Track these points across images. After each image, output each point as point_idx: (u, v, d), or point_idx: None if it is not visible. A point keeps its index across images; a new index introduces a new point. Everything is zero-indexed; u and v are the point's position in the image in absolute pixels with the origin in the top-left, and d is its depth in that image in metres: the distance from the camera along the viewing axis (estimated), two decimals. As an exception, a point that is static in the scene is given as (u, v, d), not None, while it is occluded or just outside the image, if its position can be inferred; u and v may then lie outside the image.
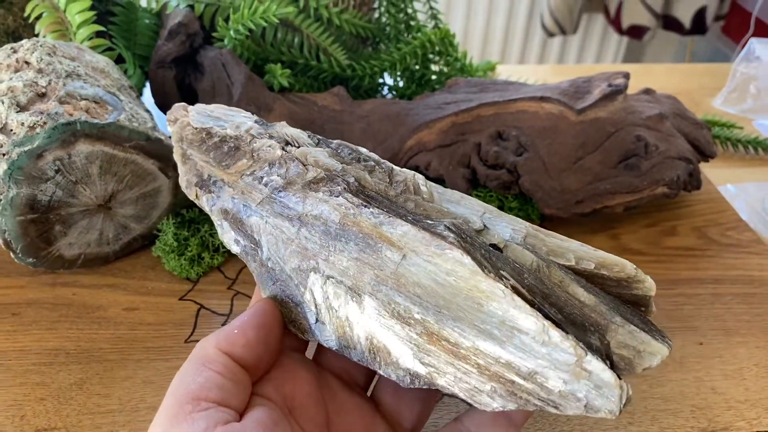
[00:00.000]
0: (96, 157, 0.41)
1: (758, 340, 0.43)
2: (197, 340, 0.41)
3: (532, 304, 0.22)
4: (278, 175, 0.27)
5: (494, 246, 0.25)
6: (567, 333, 0.21)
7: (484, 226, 0.26)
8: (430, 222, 0.24)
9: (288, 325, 0.27)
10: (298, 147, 0.28)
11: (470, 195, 0.52)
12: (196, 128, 0.29)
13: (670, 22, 1.42)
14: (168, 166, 0.45)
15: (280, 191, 0.27)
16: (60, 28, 0.52)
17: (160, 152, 0.44)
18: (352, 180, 0.26)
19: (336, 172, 0.27)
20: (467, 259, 0.22)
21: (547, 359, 0.21)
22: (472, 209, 0.27)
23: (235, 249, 0.28)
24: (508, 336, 0.21)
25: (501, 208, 0.53)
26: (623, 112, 0.52)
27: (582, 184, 0.50)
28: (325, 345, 0.26)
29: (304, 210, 0.26)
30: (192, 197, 0.29)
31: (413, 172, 0.28)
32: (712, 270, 0.49)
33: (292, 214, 0.26)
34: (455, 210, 0.27)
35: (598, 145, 0.50)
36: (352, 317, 0.24)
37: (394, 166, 0.28)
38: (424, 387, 0.24)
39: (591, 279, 0.25)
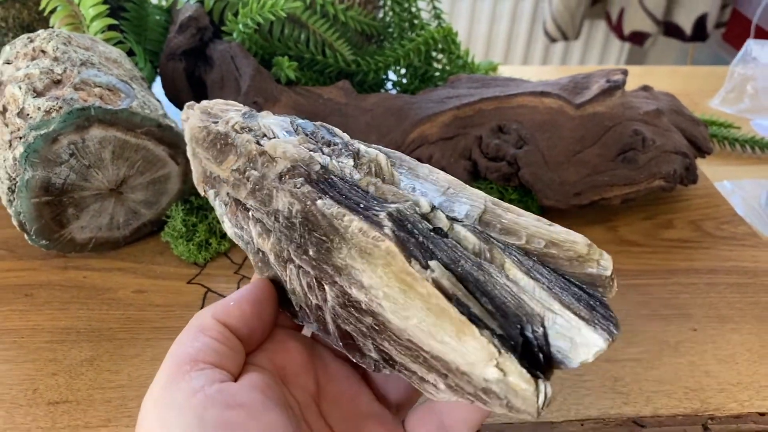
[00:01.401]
0: (109, 142, 0.42)
1: (751, 327, 0.44)
2: (204, 321, 0.43)
3: (450, 299, 0.21)
4: (255, 169, 0.27)
5: (438, 230, 0.24)
6: (486, 328, 0.21)
7: (438, 206, 0.26)
8: (375, 210, 0.24)
9: (282, 305, 0.29)
10: (271, 138, 0.29)
11: (471, 187, 0.53)
12: (198, 126, 0.30)
13: (671, 29, 1.43)
14: (178, 152, 0.46)
15: (257, 185, 0.27)
16: (74, 21, 0.54)
17: (171, 139, 0.45)
18: (317, 168, 0.26)
19: (302, 161, 0.26)
20: (398, 252, 0.22)
21: (465, 357, 0.21)
22: (436, 184, 0.27)
23: (238, 241, 0.29)
24: (433, 332, 0.21)
25: (501, 199, 0.54)
26: (621, 107, 0.53)
27: (580, 177, 0.51)
28: (310, 329, 0.28)
29: (275, 203, 0.26)
30: (202, 193, 0.30)
31: (376, 151, 0.27)
32: (708, 261, 0.50)
33: (268, 208, 0.26)
34: (419, 186, 0.27)
35: (596, 139, 0.52)
36: (322, 304, 0.25)
37: (362, 147, 0.28)
38: (388, 373, 0.25)
39: (542, 258, 0.24)
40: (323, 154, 0.27)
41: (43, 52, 0.44)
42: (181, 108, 0.58)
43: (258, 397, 0.24)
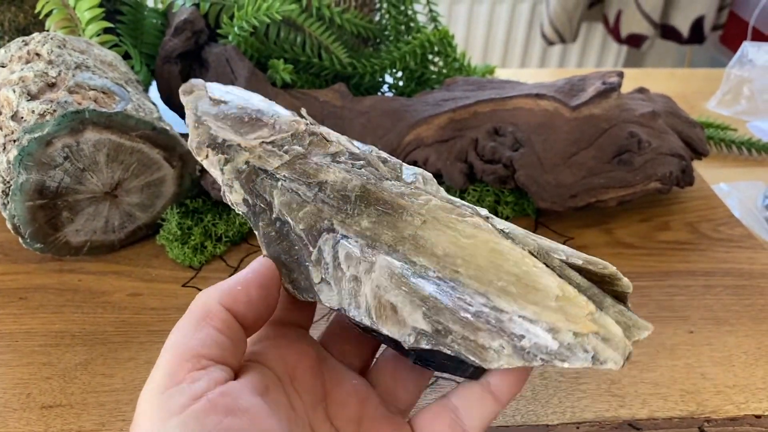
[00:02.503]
0: (103, 145, 0.42)
1: (747, 329, 0.44)
2: (199, 324, 0.42)
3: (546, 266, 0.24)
4: (300, 146, 0.29)
5: (501, 231, 0.27)
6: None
7: (487, 217, 0.28)
8: (449, 197, 0.27)
9: (285, 284, 0.29)
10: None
11: (467, 189, 0.53)
12: (213, 99, 0.31)
13: (668, 32, 1.43)
14: (173, 156, 0.46)
15: (300, 159, 0.29)
16: (69, 25, 0.54)
17: (166, 142, 0.45)
18: (372, 160, 0.29)
19: (357, 153, 0.30)
20: (488, 225, 0.25)
21: (561, 313, 0.23)
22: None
23: (242, 209, 0.29)
24: (523, 293, 0.24)
25: (497, 201, 0.54)
26: (617, 109, 0.53)
27: (576, 179, 0.51)
28: (325, 304, 0.27)
29: (325, 176, 0.28)
30: (200, 157, 0.30)
31: (422, 169, 0.30)
32: (704, 263, 0.50)
33: (311, 180, 0.28)
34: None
35: (592, 141, 0.52)
36: (362, 276, 0.26)
37: (403, 163, 0.31)
38: (426, 347, 0.25)
39: (579, 273, 0.27)
40: (371, 155, 0.30)
41: (38, 55, 0.44)
42: (176, 111, 0.58)
43: (259, 402, 0.23)
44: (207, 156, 0.30)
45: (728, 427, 0.37)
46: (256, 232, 0.29)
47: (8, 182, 0.41)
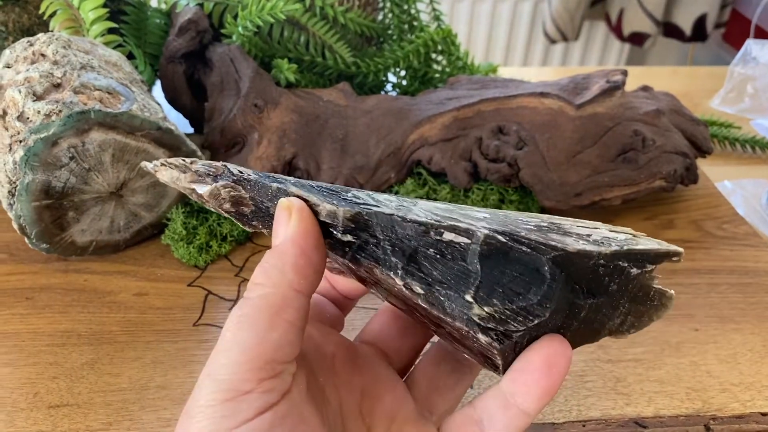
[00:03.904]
0: (109, 145, 0.42)
1: (753, 326, 0.44)
2: (206, 324, 0.43)
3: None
4: None
5: None
6: None
7: None
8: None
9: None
10: None
11: (471, 188, 0.53)
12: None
13: (670, 29, 1.43)
14: (178, 155, 0.46)
15: None
16: (74, 25, 0.54)
17: (171, 142, 0.45)
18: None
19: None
20: None
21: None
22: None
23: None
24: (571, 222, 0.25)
25: (502, 200, 0.54)
26: (621, 108, 0.53)
27: (581, 177, 0.51)
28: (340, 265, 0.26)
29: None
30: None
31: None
32: (709, 261, 0.50)
33: None
34: None
35: (596, 140, 0.52)
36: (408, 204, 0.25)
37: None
38: (502, 240, 0.22)
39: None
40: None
41: (43, 55, 0.44)
42: (180, 110, 0.58)
43: (313, 411, 0.23)
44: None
45: (734, 425, 0.37)
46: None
47: (14, 183, 0.41)
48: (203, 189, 0.26)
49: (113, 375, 0.39)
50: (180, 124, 0.54)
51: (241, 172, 0.26)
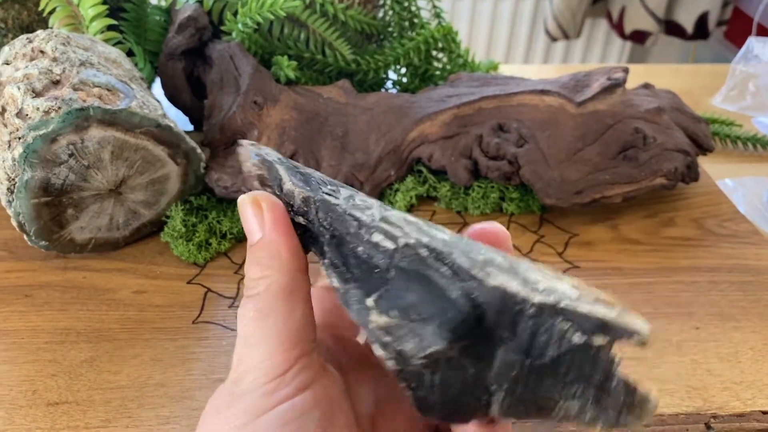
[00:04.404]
0: (108, 143, 0.42)
1: (754, 325, 0.44)
2: (205, 322, 0.42)
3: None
4: None
5: None
6: None
7: None
8: None
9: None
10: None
11: (472, 186, 0.53)
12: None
13: (672, 27, 1.43)
14: (177, 153, 0.46)
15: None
16: (73, 22, 0.54)
17: (170, 139, 0.45)
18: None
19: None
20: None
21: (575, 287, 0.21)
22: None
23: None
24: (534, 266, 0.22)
25: (502, 198, 0.54)
26: (622, 105, 0.53)
27: (581, 175, 0.51)
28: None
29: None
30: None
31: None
32: (710, 259, 0.50)
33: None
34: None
35: (597, 137, 0.52)
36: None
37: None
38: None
39: None
40: None
41: (42, 52, 0.44)
42: (180, 108, 0.58)
43: (342, 396, 0.23)
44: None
45: (735, 423, 0.37)
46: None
47: (13, 179, 0.41)
48: (247, 165, 0.27)
49: (112, 372, 0.39)
50: (179, 121, 0.54)
51: (266, 153, 0.26)
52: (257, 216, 0.23)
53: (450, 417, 0.22)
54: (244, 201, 0.24)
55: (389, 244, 0.21)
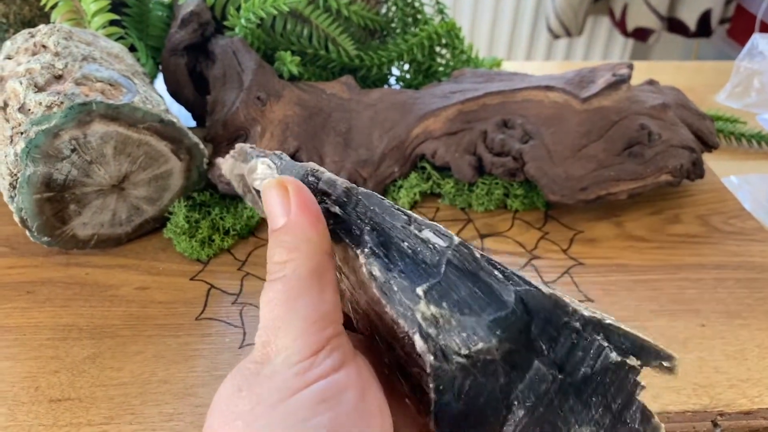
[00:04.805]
0: (110, 138, 0.42)
1: (760, 322, 0.43)
2: (208, 318, 0.42)
3: None
4: None
5: None
6: None
7: None
8: None
9: None
10: None
11: (476, 182, 0.53)
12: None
13: (675, 25, 1.42)
14: (180, 148, 0.46)
15: None
16: (75, 17, 0.53)
17: (173, 135, 0.45)
18: None
19: None
20: None
21: None
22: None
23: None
24: None
25: (506, 194, 0.53)
26: (627, 101, 0.52)
27: (586, 171, 0.50)
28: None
29: None
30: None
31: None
32: (715, 256, 0.49)
33: None
34: None
35: (602, 133, 0.51)
36: None
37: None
38: None
39: None
40: None
41: (44, 47, 0.44)
42: (183, 103, 0.58)
43: (375, 379, 0.23)
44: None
45: (742, 421, 0.37)
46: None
47: (16, 175, 0.40)
48: (245, 166, 0.27)
49: (115, 369, 0.39)
50: (182, 117, 0.54)
51: (276, 154, 0.27)
52: (283, 199, 0.23)
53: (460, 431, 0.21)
54: (269, 185, 0.23)
55: (441, 242, 0.22)
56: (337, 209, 0.24)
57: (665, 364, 0.23)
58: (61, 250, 0.47)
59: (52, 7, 0.53)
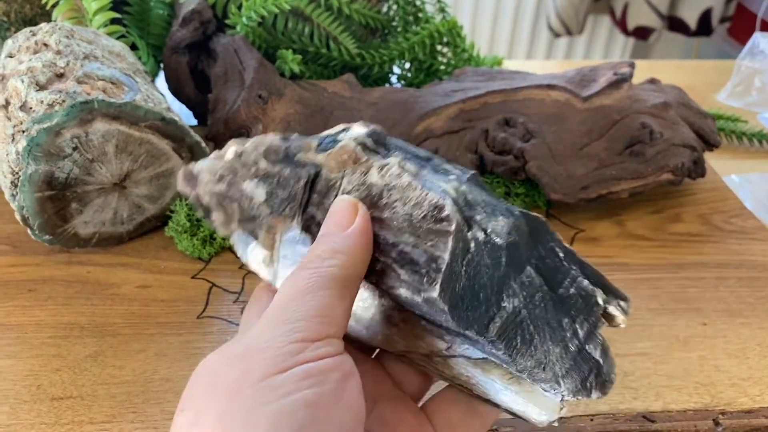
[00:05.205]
0: (112, 136, 0.42)
1: (761, 321, 0.43)
2: (210, 317, 0.42)
3: None
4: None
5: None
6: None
7: None
8: None
9: None
10: None
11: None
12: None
13: (675, 24, 1.42)
14: (182, 146, 0.46)
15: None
16: (76, 15, 0.53)
17: (175, 133, 0.45)
18: None
19: None
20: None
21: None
22: None
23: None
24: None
25: (508, 193, 0.53)
26: (628, 100, 0.52)
27: (588, 170, 0.50)
28: None
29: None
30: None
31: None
32: (717, 255, 0.50)
33: None
34: None
35: (603, 132, 0.51)
36: None
37: None
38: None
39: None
40: None
41: (46, 45, 0.44)
42: (184, 102, 0.58)
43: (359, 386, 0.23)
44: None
45: (743, 420, 0.37)
46: None
47: (17, 173, 0.40)
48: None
49: (117, 367, 0.39)
50: (184, 115, 0.54)
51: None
52: (352, 213, 0.25)
53: (456, 309, 0.23)
54: (347, 199, 0.26)
55: (460, 171, 0.27)
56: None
57: (622, 304, 0.28)
58: (63, 248, 0.47)
59: (54, 6, 0.53)
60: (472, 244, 0.24)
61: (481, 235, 0.24)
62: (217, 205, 0.29)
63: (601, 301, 0.27)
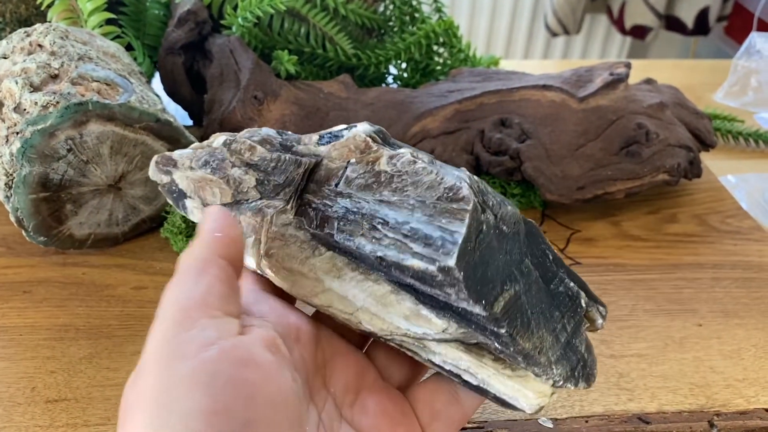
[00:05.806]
0: (107, 137, 0.42)
1: (757, 322, 0.43)
2: (204, 317, 0.42)
3: None
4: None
5: None
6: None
7: None
8: None
9: None
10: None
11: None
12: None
13: (672, 23, 1.42)
14: (177, 148, 0.46)
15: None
16: (71, 16, 0.53)
17: (170, 134, 0.45)
18: None
19: None
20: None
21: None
22: None
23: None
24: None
25: (504, 194, 0.53)
26: (624, 101, 0.52)
27: (584, 171, 0.50)
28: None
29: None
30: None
31: None
32: (712, 255, 0.50)
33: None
34: None
35: (599, 133, 0.51)
36: None
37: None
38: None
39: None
40: None
41: (40, 46, 0.44)
42: (180, 103, 0.58)
43: (270, 358, 0.23)
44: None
45: (738, 421, 0.37)
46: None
47: (11, 175, 0.40)
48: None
49: (112, 369, 0.39)
50: (179, 116, 0.54)
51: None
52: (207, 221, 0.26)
53: (470, 280, 0.24)
54: (210, 210, 0.26)
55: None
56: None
57: (601, 309, 0.30)
58: (58, 250, 0.47)
59: (49, 6, 0.53)
60: (484, 226, 0.25)
61: (492, 219, 0.26)
62: (196, 190, 0.29)
63: (584, 304, 0.29)
